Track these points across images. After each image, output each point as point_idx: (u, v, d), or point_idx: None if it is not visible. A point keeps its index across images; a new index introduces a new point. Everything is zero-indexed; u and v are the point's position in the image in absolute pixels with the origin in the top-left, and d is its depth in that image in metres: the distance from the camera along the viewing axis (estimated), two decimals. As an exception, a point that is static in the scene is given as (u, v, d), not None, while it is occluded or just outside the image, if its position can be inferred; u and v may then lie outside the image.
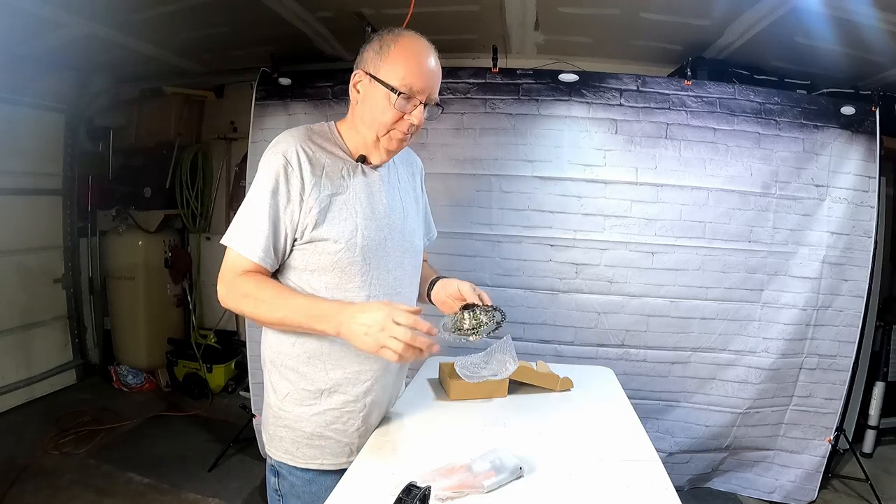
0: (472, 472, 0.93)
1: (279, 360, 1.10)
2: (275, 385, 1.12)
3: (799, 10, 2.14)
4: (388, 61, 1.01)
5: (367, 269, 1.07)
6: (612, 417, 1.27)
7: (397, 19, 2.22)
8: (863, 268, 2.46)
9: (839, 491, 2.66)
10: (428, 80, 1.03)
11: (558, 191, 2.48)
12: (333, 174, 1.05)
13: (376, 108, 1.03)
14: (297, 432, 1.10)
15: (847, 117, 2.44)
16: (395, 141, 1.06)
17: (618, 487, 0.95)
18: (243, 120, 3.05)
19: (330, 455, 1.11)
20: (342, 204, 1.05)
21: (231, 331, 3.89)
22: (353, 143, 1.10)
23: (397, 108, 1.02)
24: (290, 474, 1.12)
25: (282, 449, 1.11)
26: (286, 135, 1.06)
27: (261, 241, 1.00)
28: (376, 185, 1.11)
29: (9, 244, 3.26)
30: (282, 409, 1.10)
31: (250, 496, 2.52)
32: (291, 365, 1.09)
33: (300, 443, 1.10)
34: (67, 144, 3.64)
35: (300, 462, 1.10)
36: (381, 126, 1.04)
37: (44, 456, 2.71)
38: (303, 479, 1.11)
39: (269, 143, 1.08)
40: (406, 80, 1.00)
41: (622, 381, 1.52)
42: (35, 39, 2.76)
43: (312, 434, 1.09)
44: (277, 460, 1.12)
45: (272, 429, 1.13)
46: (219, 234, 4.05)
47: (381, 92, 1.02)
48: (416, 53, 1.03)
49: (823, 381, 2.51)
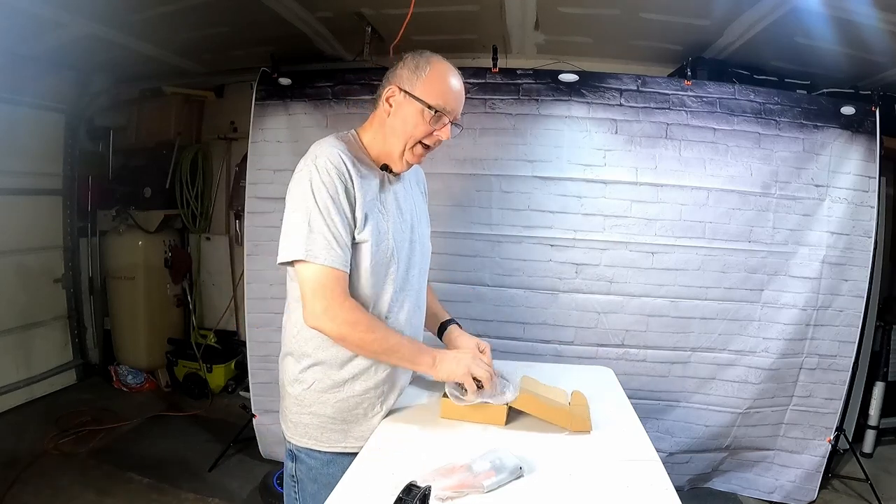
0: (472, 471, 0.93)
1: (306, 351, 1.17)
2: (299, 376, 1.18)
3: (799, 10, 2.14)
4: (425, 81, 1.13)
5: (396, 270, 1.17)
6: (612, 417, 1.27)
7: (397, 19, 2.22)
8: (863, 268, 2.46)
9: (839, 491, 2.66)
10: (458, 101, 1.16)
11: (558, 191, 2.48)
12: (372, 182, 1.15)
13: (409, 122, 1.13)
14: (322, 418, 1.17)
15: (847, 117, 2.44)
16: (417, 155, 1.17)
17: (618, 487, 0.95)
18: (243, 120, 3.05)
19: (353, 438, 1.18)
20: (378, 209, 1.14)
21: (231, 331, 3.89)
22: (376, 151, 1.19)
23: (429, 124, 1.13)
24: (308, 457, 1.19)
25: (306, 435, 1.18)
26: (326, 144, 1.12)
27: (344, 249, 1.07)
28: (400, 192, 1.22)
29: (9, 244, 3.26)
30: (305, 398, 1.17)
31: (250, 496, 2.52)
32: (318, 357, 1.16)
33: (325, 427, 1.17)
34: (67, 144, 3.63)
35: (324, 446, 1.18)
36: (411, 139, 1.15)
37: (44, 456, 2.71)
38: (322, 461, 1.18)
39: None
40: (440, 99, 1.12)
41: (622, 381, 1.52)
42: (35, 39, 2.76)
43: (335, 419, 1.17)
44: (298, 445, 1.20)
45: (295, 416, 1.19)
46: (219, 233, 4.08)
47: (416, 108, 1.12)
48: (450, 77, 1.15)
49: (823, 381, 2.51)
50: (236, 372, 3.71)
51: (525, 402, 1.16)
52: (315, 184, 1.06)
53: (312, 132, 2.52)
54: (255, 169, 2.56)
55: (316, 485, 1.19)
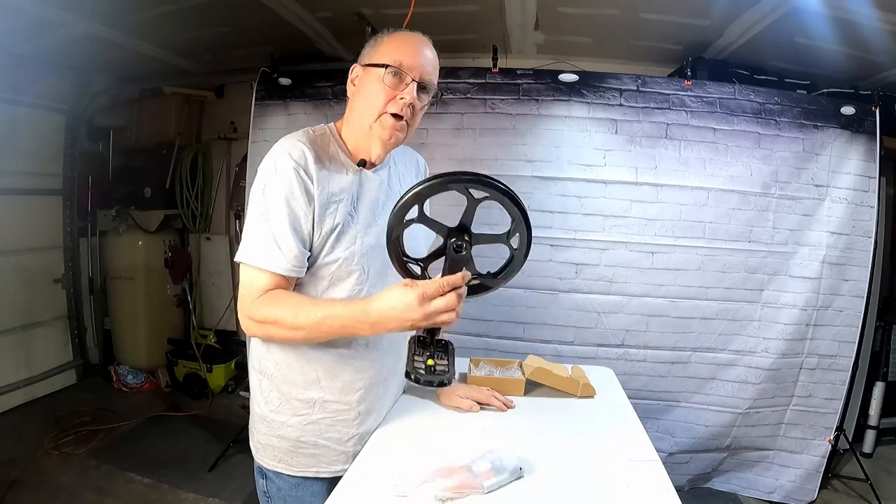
0: (472, 472, 0.93)
1: (268, 370, 1.08)
2: (266, 395, 1.09)
3: (799, 10, 2.14)
4: (381, 46, 1.04)
5: (365, 279, 1.05)
6: (612, 417, 1.27)
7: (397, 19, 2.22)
8: (863, 268, 2.46)
9: (839, 491, 2.66)
10: (418, 58, 1.02)
11: (558, 191, 2.48)
12: (339, 179, 1.04)
13: (370, 93, 1.02)
14: (291, 442, 1.08)
15: (847, 117, 2.44)
16: (387, 128, 1.03)
17: (618, 487, 0.94)
18: (243, 120, 3.05)
19: (325, 463, 1.09)
20: (347, 211, 1.03)
21: (231, 331, 3.89)
22: (352, 139, 1.08)
23: (388, 85, 1.00)
24: (277, 478, 1.11)
25: (275, 458, 1.10)
26: (288, 138, 1.03)
27: (285, 251, 0.96)
28: (378, 192, 1.09)
29: (9, 244, 3.26)
30: (274, 420, 1.08)
31: (250, 496, 2.52)
32: (281, 376, 1.07)
33: (294, 452, 1.08)
34: (67, 144, 3.63)
35: (294, 471, 1.09)
36: (372, 110, 1.02)
37: (44, 456, 2.71)
38: (290, 483, 1.10)
39: (269, 143, 1.06)
40: (395, 56, 1.01)
41: (622, 381, 1.52)
42: (35, 39, 2.76)
43: (306, 443, 1.08)
44: (266, 466, 1.11)
45: (264, 438, 1.11)
46: (219, 233, 4.07)
47: (374, 75, 1.02)
48: (408, 37, 1.05)
49: (823, 381, 2.51)
50: (236, 372, 3.71)
51: (539, 374, 1.39)
52: (268, 184, 0.99)
53: (312, 132, 2.52)
54: (255, 169, 2.56)
55: None
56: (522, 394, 1.37)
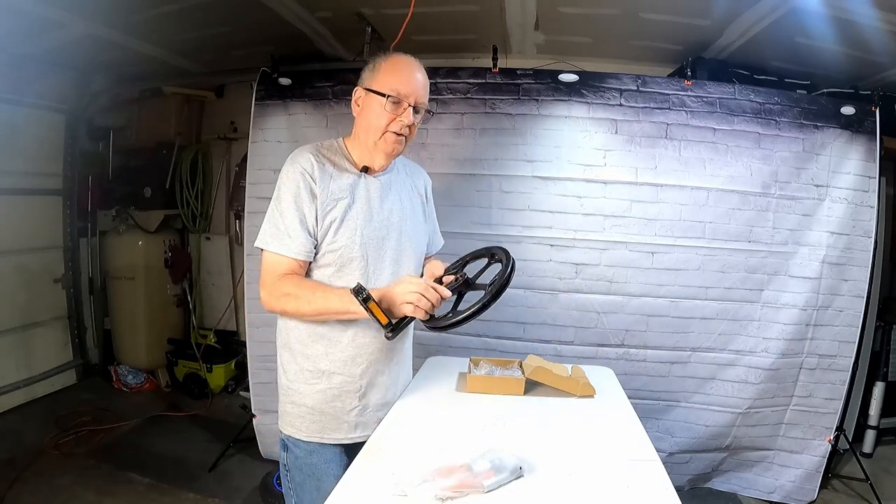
0: (472, 471, 0.93)
1: (290, 343, 1.27)
2: (285, 366, 1.29)
3: (799, 10, 2.14)
4: (379, 75, 1.22)
5: (366, 265, 1.24)
6: (612, 417, 1.27)
7: (397, 19, 2.23)
8: (863, 268, 2.46)
9: (839, 491, 2.66)
10: (413, 85, 1.21)
11: (558, 191, 2.48)
12: (340, 181, 1.23)
13: (372, 115, 1.22)
14: (301, 407, 1.26)
15: (847, 117, 2.44)
16: (390, 143, 1.23)
17: (618, 487, 0.95)
18: (243, 120, 3.05)
19: (329, 430, 1.26)
20: (346, 207, 1.22)
21: (231, 331, 3.89)
22: (358, 153, 1.28)
23: (388, 111, 1.20)
24: (294, 447, 1.28)
25: (288, 423, 1.28)
26: (300, 149, 1.25)
27: (294, 239, 1.18)
28: (378, 192, 1.28)
29: (9, 244, 3.26)
30: (290, 388, 1.28)
31: (250, 496, 2.52)
32: (299, 349, 1.26)
33: (304, 417, 1.26)
34: (67, 144, 3.64)
35: (303, 435, 1.26)
36: (377, 129, 1.22)
37: (44, 456, 2.71)
38: (305, 450, 1.26)
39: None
40: (393, 86, 1.20)
41: (622, 381, 1.52)
42: (35, 39, 2.76)
43: (313, 409, 1.25)
44: (285, 434, 1.29)
45: (282, 405, 1.30)
46: (219, 233, 4.08)
47: (376, 101, 1.21)
48: (402, 65, 1.23)
49: (823, 381, 2.51)
50: (236, 372, 3.71)
51: (539, 373, 1.41)
52: (281, 186, 1.20)
53: (312, 132, 2.52)
54: (255, 169, 2.56)
55: (301, 474, 1.27)
56: (522, 393, 1.38)
